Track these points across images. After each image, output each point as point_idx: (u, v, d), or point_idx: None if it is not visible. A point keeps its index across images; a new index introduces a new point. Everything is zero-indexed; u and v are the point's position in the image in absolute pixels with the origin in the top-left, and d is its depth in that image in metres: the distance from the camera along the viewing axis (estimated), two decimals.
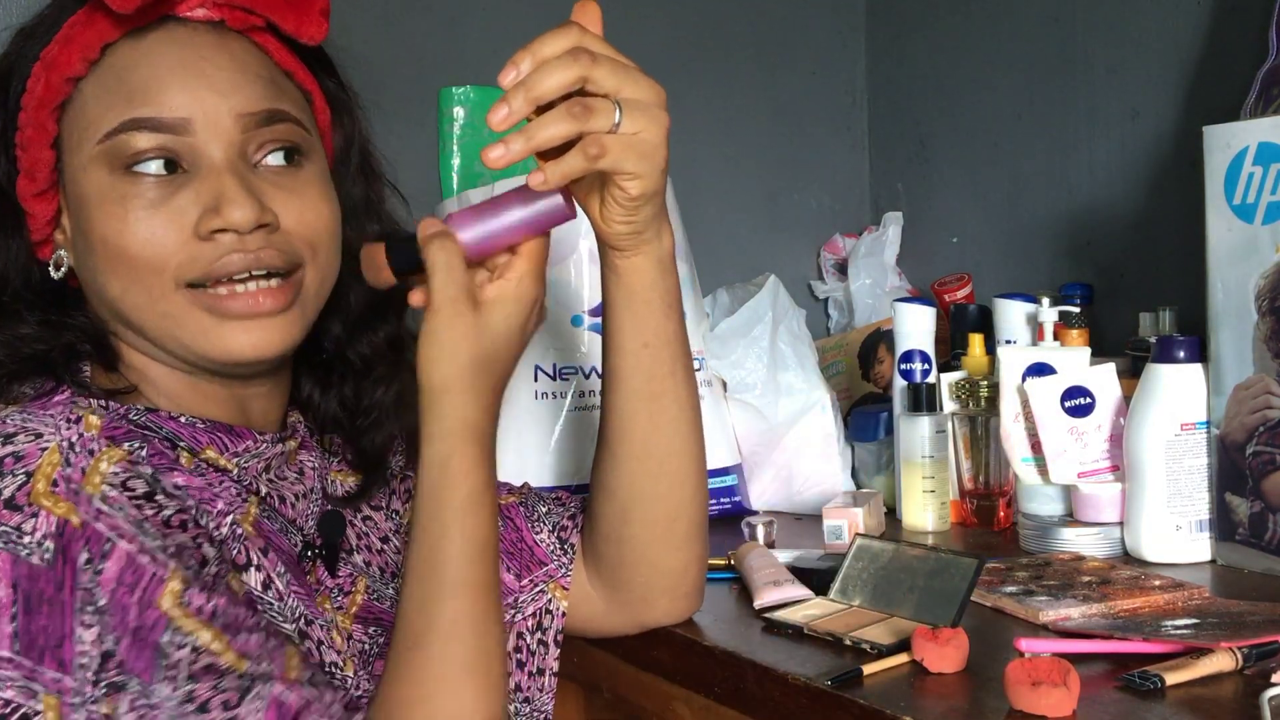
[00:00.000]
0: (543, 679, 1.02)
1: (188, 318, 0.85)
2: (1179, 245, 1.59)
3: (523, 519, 1.05)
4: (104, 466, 0.76)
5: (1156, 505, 1.21)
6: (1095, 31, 1.72)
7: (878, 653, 0.96)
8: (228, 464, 0.87)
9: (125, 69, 0.85)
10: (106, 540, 0.73)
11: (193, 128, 0.84)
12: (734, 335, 1.60)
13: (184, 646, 0.73)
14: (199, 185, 0.84)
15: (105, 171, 0.84)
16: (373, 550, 0.98)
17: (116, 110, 0.84)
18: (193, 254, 0.83)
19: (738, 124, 2.00)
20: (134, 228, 0.83)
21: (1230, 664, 0.87)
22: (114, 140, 0.83)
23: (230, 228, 0.83)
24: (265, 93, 0.87)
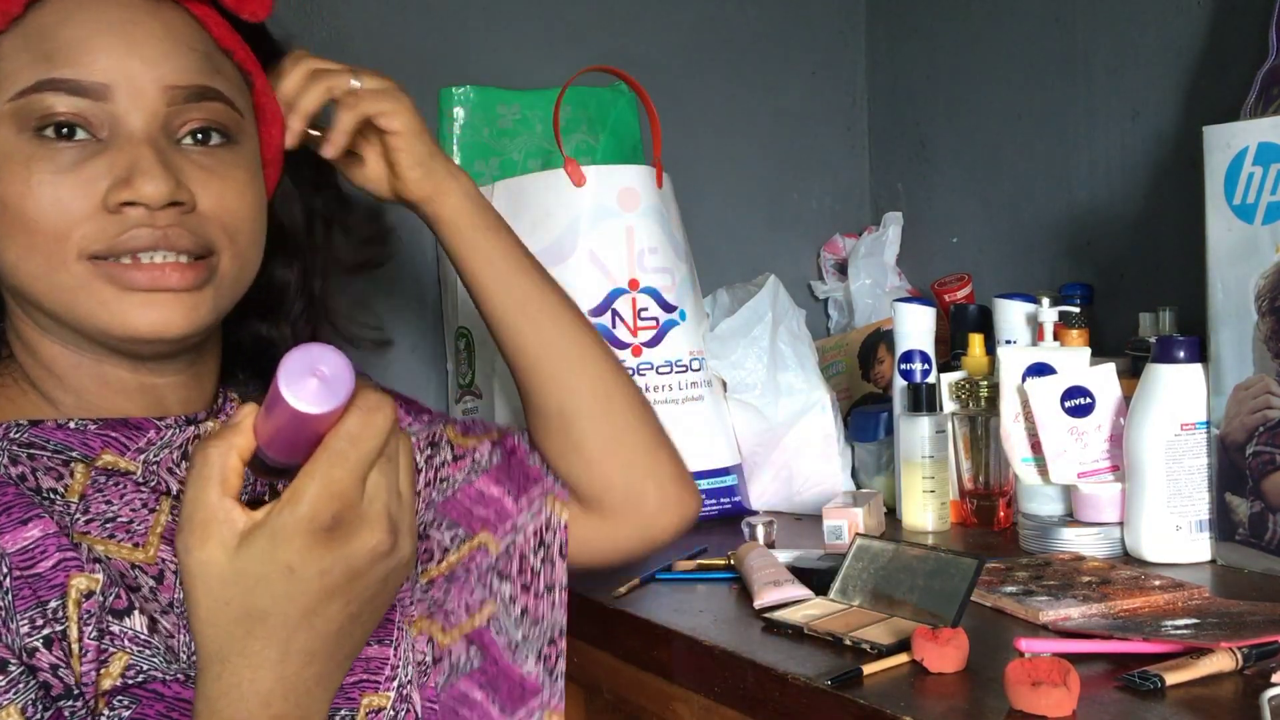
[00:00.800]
0: (553, 595, 1.02)
1: (87, 289, 0.79)
2: (1179, 245, 1.59)
3: (523, 450, 1.07)
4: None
5: (1156, 505, 1.21)
6: (1095, 31, 1.72)
7: (878, 653, 0.96)
8: (130, 465, 0.82)
9: (48, 26, 0.80)
10: None
11: (113, 94, 0.79)
12: (734, 335, 1.60)
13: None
14: (113, 155, 0.79)
15: (14, 131, 0.79)
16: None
17: (34, 69, 0.79)
18: (99, 225, 0.78)
19: (738, 124, 2.00)
20: (37, 191, 0.78)
21: (1230, 664, 0.87)
22: (27, 99, 0.78)
23: (140, 201, 0.78)
24: (198, 67, 0.83)
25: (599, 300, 1.47)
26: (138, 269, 0.79)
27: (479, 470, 1.04)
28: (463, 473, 1.03)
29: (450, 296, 1.62)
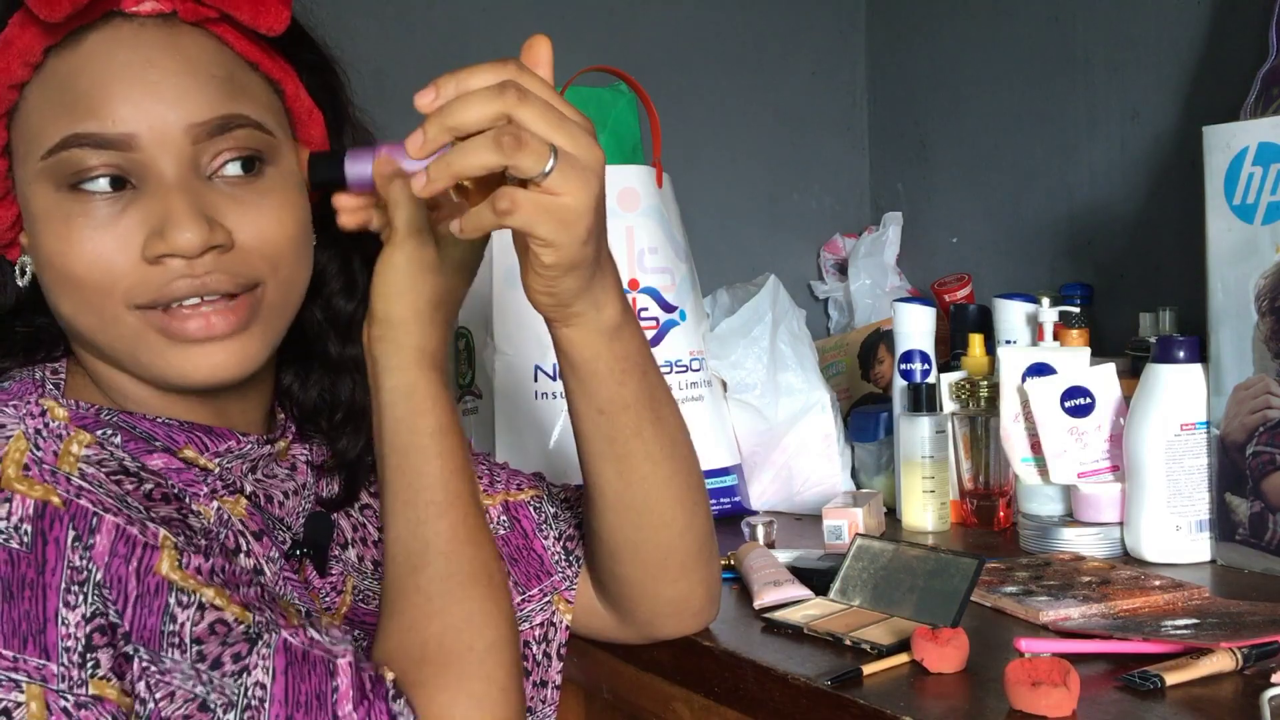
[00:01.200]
0: (545, 691, 1.01)
1: (142, 340, 0.80)
2: (1179, 245, 1.59)
3: (530, 522, 1.02)
4: (75, 449, 0.76)
5: (1156, 505, 1.21)
6: (1095, 31, 1.72)
7: (878, 653, 0.96)
8: (209, 464, 0.84)
9: (68, 75, 0.79)
10: (93, 515, 0.72)
11: (139, 143, 0.78)
12: (734, 335, 1.60)
13: (189, 606, 0.73)
14: (147, 204, 0.78)
15: (51, 188, 0.79)
16: (368, 543, 0.96)
17: (59, 123, 0.78)
18: (141, 278, 0.79)
19: (738, 124, 2.00)
20: (79, 249, 0.78)
21: (1230, 664, 0.87)
22: (57, 157, 0.78)
23: (176, 253, 0.78)
24: (219, 96, 0.80)
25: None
26: (185, 318, 0.80)
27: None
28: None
29: None
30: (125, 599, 0.72)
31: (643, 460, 0.91)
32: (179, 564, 0.73)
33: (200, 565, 0.74)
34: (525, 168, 0.73)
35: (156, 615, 0.72)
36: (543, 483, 1.07)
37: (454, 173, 0.74)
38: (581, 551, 1.02)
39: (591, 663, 1.12)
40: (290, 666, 0.74)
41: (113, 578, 0.72)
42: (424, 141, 0.75)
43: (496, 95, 0.74)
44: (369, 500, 0.98)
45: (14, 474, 0.73)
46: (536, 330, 1.47)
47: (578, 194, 0.75)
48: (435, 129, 0.74)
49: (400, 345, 0.83)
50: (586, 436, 0.91)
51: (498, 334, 1.48)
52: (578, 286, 0.81)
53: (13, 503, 0.71)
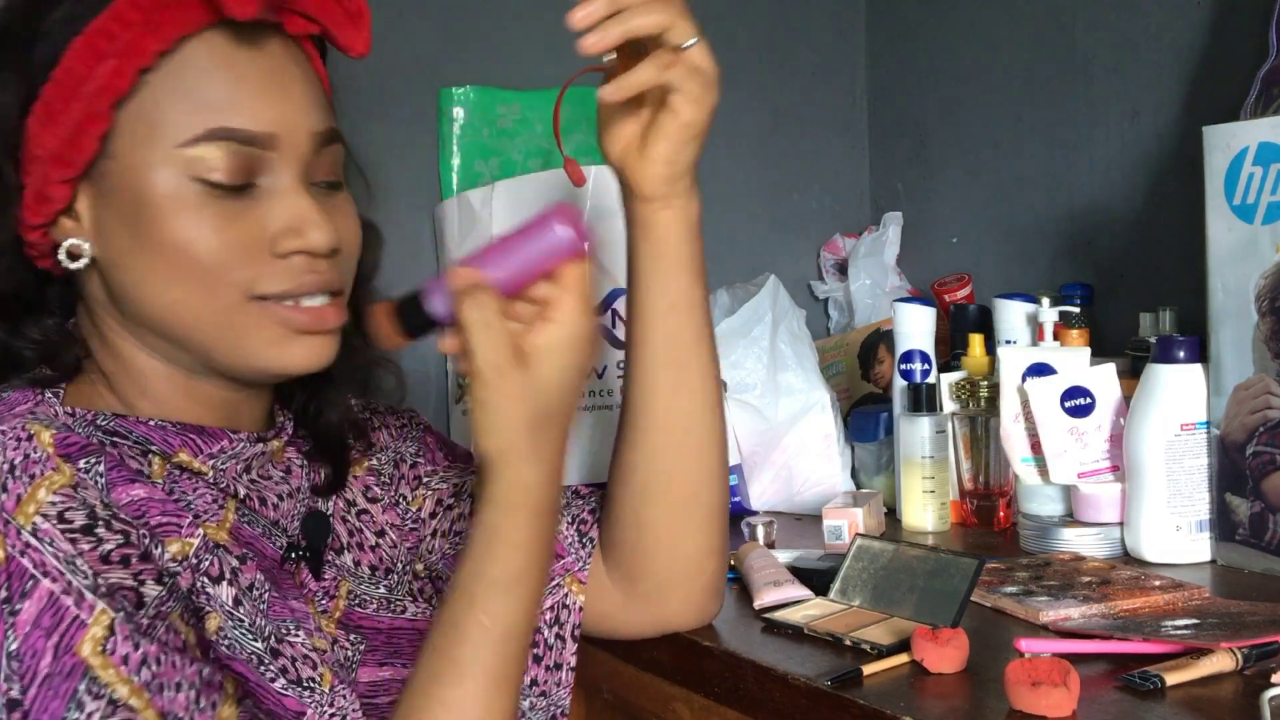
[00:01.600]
0: (560, 674, 1.01)
1: (258, 329, 0.83)
2: (1179, 245, 1.59)
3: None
4: (41, 494, 0.73)
5: (1156, 505, 1.21)
6: (1095, 31, 1.72)
7: (878, 653, 0.96)
8: (202, 467, 0.84)
9: (207, 71, 0.81)
10: (29, 577, 0.70)
11: (277, 143, 0.82)
12: (734, 335, 1.60)
13: (100, 698, 0.69)
14: (277, 202, 0.83)
15: (181, 176, 0.80)
16: (364, 547, 0.96)
17: (201, 115, 0.80)
18: (269, 270, 0.82)
19: (738, 124, 2.00)
20: (211, 238, 0.81)
21: (1230, 664, 0.87)
22: (199, 147, 0.80)
23: (309, 250, 0.83)
24: (327, 110, 0.87)
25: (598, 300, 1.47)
26: (302, 313, 0.84)
27: None
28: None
29: None
30: (34, 676, 0.69)
31: (697, 372, 0.97)
32: (103, 647, 0.70)
33: (128, 654, 0.71)
34: (682, 31, 0.87)
35: (62, 700, 0.69)
36: None
37: (628, 29, 0.85)
38: (595, 534, 1.03)
39: (591, 662, 1.12)
40: None
41: (28, 649, 0.69)
42: (589, 12, 0.86)
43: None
44: (366, 505, 0.98)
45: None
46: None
47: (712, 64, 0.90)
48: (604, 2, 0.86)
49: (497, 480, 0.81)
50: (650, 339, 0.96)
51: None
52: (692, 159, 0.92)
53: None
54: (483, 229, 1.53)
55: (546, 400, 0.81)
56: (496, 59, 1.76)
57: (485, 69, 1.74)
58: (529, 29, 1.77)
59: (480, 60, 1.75)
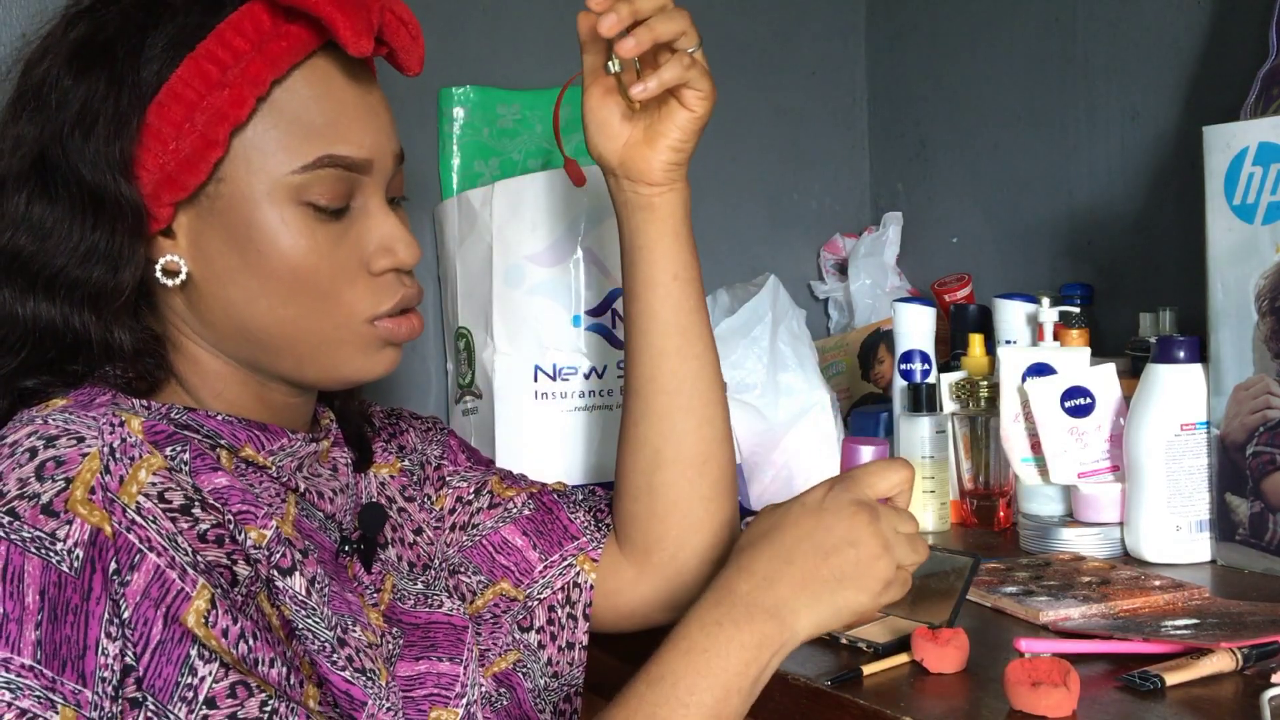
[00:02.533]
0: (572, 653, 1.04)
1: (358, 344, 0.88)
2: (1179, 245, 1.59)
3: (557, 504, 1.07)
4: (142, 475, 0.76)
5: (1156, 505, 1.21)
6: (1095, 31, 1.72)
7: (874, 651, 0.96)
8: (265, 461, 0.87)
9: (314, 99, 0.85)
10: (137, 551, 0.73)
11: (373, 168, 0.87)
12: (734, 335, 1.60)
13: (211, 662, 0.73)
14: (369, 223, 0.87)
15: (289, 201, 0.84)
16: (405, 544, 1.00)
17: (311, 143, 0.84)
18: (373, 289, 0.87)
19: (738, 124, 2.00)
20: (322, 261, 0.85)
21: (1230, 664, 0.87)
22: (311, 174, 0.84)
23: (402, 267, 0.88)
24: (396, 131, 0.91)
25: (599, 300, 1.47)
26: (399, 326, 0.90)
27: (507, 519, 1.05)
28: (492, 520, 1.05)
29: (450, 296, 1.62)
30: (146, 643, 0.72)
31: (698, 338, 1.04)
32: (205, 620, 0.73)
33: (228, 627, 0.74)
34: (693, 38, 0.97)
35: (175, 665, 0.72)
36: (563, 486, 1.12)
37: (655, 34, 0.94)
38: (610, 520, 1.07)
39: (591, 662, 1.11)
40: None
41: (139, 618, 0.72)
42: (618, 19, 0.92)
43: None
44: (404, 504, 1.02)
45: (80, 496, 0.73)
46: (537, 330, 1.47)
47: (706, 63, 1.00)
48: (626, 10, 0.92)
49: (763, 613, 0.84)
50: (655, 309, 1.02)
51: (498, 334, 1.48)
52: (693, 150, 1.03)
53: (72, 525, 0.72)
54: (483, 229, 1.53)
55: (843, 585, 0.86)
56: (496, 59, 1.76)
57: (485, 69, 1.74)
58: (529, 29, 1.77)
59: (480, 60, 1.75)
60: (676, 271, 1.03)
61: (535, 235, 1.47)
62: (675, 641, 0.82)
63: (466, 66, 1.73)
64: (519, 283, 1.48)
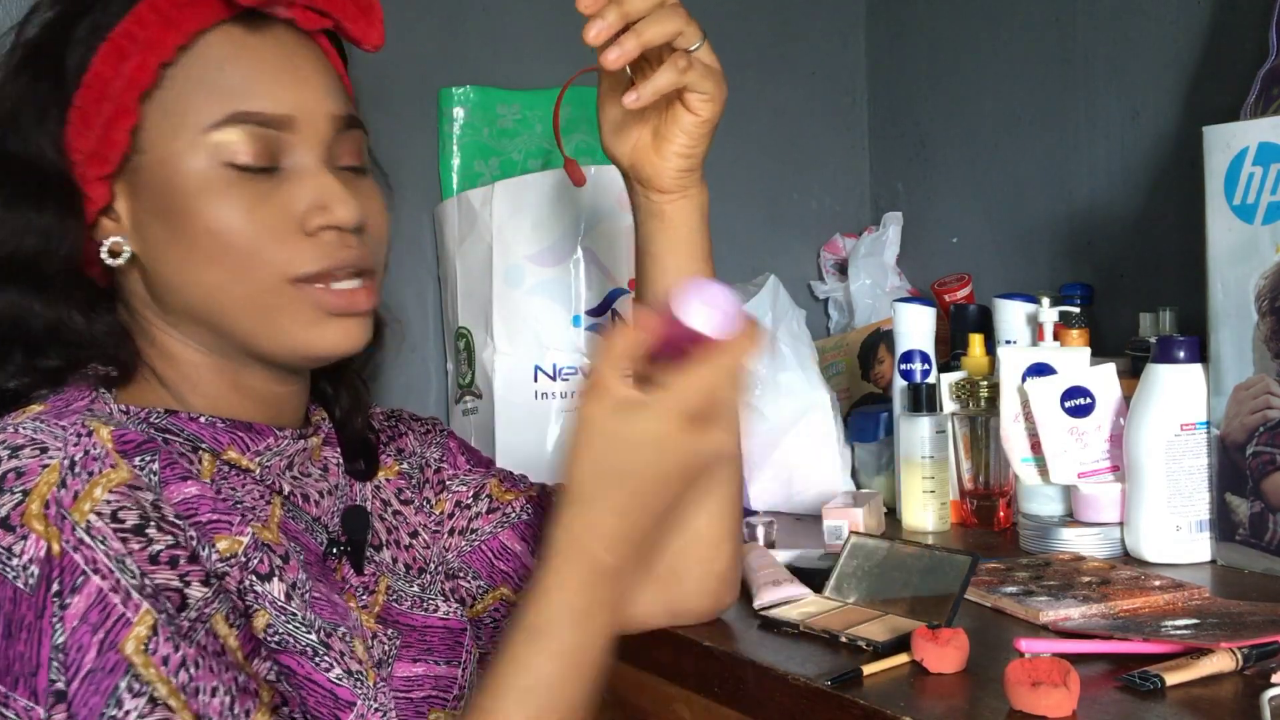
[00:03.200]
0: None
1: (292, 311, 0.85)
2: (1179, 245, 1.59)
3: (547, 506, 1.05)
4: (98, 492, 0.74)
5: (1156, 505, 1.21)
6: (1095, 31, 1.72)
7: (874, 650, 0.96)
8: (250, 464, 0.86)
9: (224, 60, 0.84)
10: (80, 573, 0.72)
11: (296, 125, 0.85)
12: None
13: (140, 695, 0.71)
14: (301, 182, 0.85)
15: (208, 162, 0.83)
16: (400, 545, 0.98)
17: (221, 102, 0.83)
18: (303, 249, 0.84)
19: (738, 124, 1.99)
20: (244, 220, 0.83)
21: (1230, 664, 0.87)
22: (221, 131, 0.83)
23: (338, 225, 0.85)
24: (345, 98, 0.89)
25: (599, 300, 1.47)
26: (335, 295, 0.86)
27: (506, 523, 1.04)
28: (491, 525, 1.04)
29: (450, 296, 1.62)
30: (78, 670, 0.71)
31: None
32: (145, 648, 0.72)
33: (169, 655, 0.72)
34: (691, 36, 0.91)
35: (103, 696, 0.70)
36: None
37: (644, 40, 0.89)
38: None
39: None
40: None
41: (74, 644, 0.71)
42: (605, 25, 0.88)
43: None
44: (400, 506, 1.00)
45: (36, 510, 0.72)
46: (536, 330, 1.47)
47: (716, 62, 0.95)
48: (614, 14, 0.88)
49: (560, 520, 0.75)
50: None
51: (498, 334, 1.48)
52: (704, 152, 0.97)
53: (27, 541, 0.72)
54: (483, 229, 1.53)
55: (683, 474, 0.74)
56: (496, 59, 1.76)
57: (485, 69, 1.74)
58: (529, 29, 1.77)
59: (480, 60, 1.75)
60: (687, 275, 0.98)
61: (535, 235, 1.47)
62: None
63: (466, 66, 1.73)
64: (519, 283, 1.48)
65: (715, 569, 1.02)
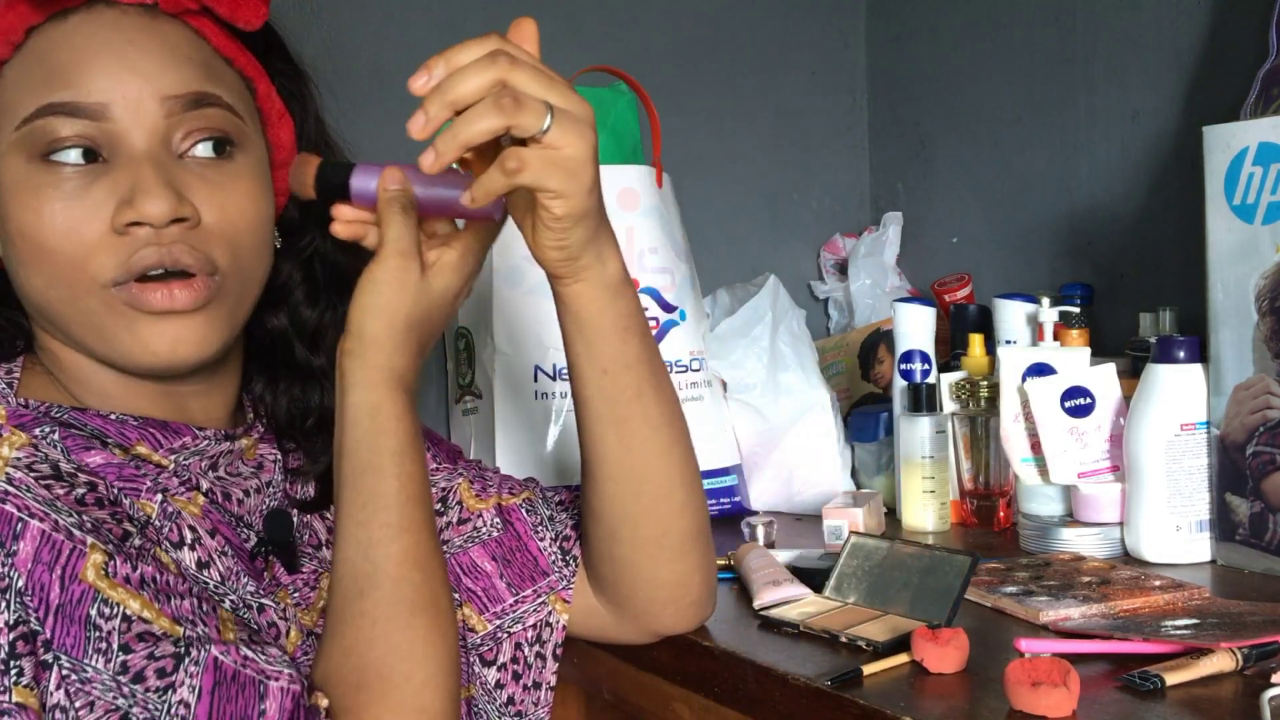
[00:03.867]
0: (539, 693, 1.00)
1: (109, 314, 0.81)
2: (1179, 245, 1.59)
3: (524, 524, 1.02)
4: (5, 451, 0.75)
5: (1156, 505, 1.21)
6: (1095, 31, 1.72)
7: (874, 650, 0.96)
8: (163, 460, 0.84)
9: (46, 52, 0.80)
10: (17, 520, 0.71)
11: (112, 113, 0.80)
12: (734, 335, 1.60)
13: (113, 617, 0.72)
14: (116, 175, 0.80)
15: (23, 159, 0.80)
16: None
17: (35, 94, 0.79)
18: (111, 250, 0.80)
19: (738, 124, 2.00)
20: (51, 221, 0.79)
21: (1230, 664, 0.87)
22: (31, 126, 0.79)
23: (144, 220, 0.79)
24: (194, 75, 0.82)
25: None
26: (148, 291, 0.81)
27: (476, 539, 1.01)
28: (461, 538, 1.01)
29: None
30: (47, 606, 0.71)
31: (642, 424, 0.93)
32: (105, 571, 0.72)
33: (128, 574, 0.73)
34: (527, 125, 0.76)
35: (79, 624, 0.71)
36: (536, 486, 1.07)
37: (461, 142, 0.76)
38: (579, 551, 1.02)
39: (591, 663, 1.12)
40: (218, 687, 0.73)
41: (35, 584, 0.71)
42: (426, 120, 0.77)
43: (489, 64, 0.77)
44: None
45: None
46: (536, 330, 1.47)
47: (577, 145, 0.78)
48: (435, 105, 0.76)
49: (369, 362, 0.83)
50: (588, 400, 0.92)
51: (498, 334, 1.48)
52: (585, 237, 0.84)
53: None
54: None
55: (428, 306, 0.84)
56: None
57: None
58: None
59: None
60: (604, 366, 0.90)
61: None
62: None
63: None
64: (519, 283, 1.48)
65: (688, 600, 1.00)
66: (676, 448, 0.95)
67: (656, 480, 0.94)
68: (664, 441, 0.94)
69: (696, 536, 0.98)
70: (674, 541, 0.96)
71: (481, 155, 0.82)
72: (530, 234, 0.85)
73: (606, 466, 0.94)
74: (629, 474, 0.94)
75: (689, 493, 0.96)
